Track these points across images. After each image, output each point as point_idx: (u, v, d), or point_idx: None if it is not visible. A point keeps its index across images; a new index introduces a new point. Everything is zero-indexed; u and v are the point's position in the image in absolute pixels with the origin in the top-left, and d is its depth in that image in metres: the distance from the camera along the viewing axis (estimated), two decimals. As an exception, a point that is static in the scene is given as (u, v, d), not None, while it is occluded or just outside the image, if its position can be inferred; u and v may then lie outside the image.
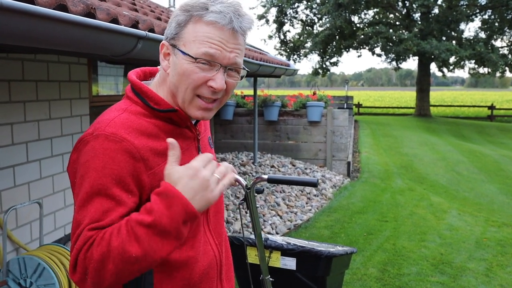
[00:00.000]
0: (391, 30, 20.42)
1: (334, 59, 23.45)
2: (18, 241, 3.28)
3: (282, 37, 23.65)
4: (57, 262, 2.95)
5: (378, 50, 21.98)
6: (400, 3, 21.76)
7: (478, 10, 21.20)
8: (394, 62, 22.88)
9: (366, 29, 21.36)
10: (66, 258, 3.02)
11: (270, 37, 23.73)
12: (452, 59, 20.36)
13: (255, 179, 1.75)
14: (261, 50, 8.61)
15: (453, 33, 20.75)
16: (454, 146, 12.86)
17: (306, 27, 23.23)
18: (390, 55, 22.05)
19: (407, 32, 20.42)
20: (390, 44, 20.21)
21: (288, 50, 23.55)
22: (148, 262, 0.98)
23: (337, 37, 21.87)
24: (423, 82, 22.66)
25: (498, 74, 21.02)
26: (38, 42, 1.68)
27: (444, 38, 20.45)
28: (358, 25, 22.69)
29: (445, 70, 22.40)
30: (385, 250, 4.77)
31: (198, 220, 1.18)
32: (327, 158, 8.41)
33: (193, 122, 1.23)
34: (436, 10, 20.87)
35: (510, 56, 21.00)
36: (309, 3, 22.05)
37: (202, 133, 1.31)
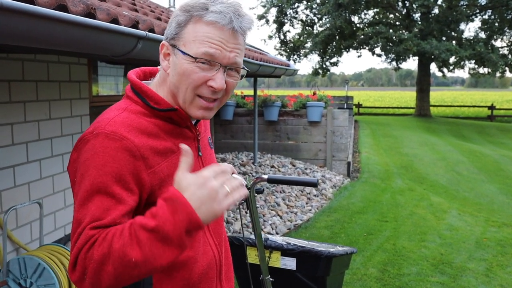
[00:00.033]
0: (391, 30, 20.42)
1: (334, 59, 23.46)
2: (18, 241, 3.28)
3: (282, 37, 23.66)
4: (57, 262, 2.95)
5: (378, 50, 21.99)
6: (400, 3, 21.75)
7: (478, 10, 21.20)
8: (394, 62, 22.89)
9: (366, 29, 21.35)
10: (66, 258, 3.02)
11: (270, 37, 23.73)
12: (452, 59, 20.36)
13: (255, 179, 1.75)
14: (261, 50, 8.61)
15: (453, 33, 20.75)
16: (454, 146, 12.86)
17: (306, 27, 23.23)
18: (390, 55, 22.05)
19: (407, 32, 20.42)
20: (390, 44, 20.21)
21: (288, 50, 23.54)
22: (147, 268, 0.96)
23: (337, 37, 21.87)
24: (423, 82, 22.66)
25: (498, 74, 21.03)
26: (38, 42, 1.68)
27: (444, 38, 20.45)
28: (358, 25, 22.69)
29: (445, 70, 22.41)
30: (385, 250, 4.77)
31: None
32: (327, 158, 8.41)
33: (193, 122, 1.24)
34: (436, 10, 20.87)
35: (510, 56, 21.00)
36: (309, 3, 22.04)
37: (202, 133, 1.31)
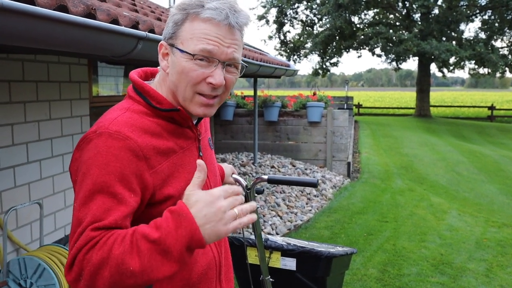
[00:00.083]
0: (391, 31, 20.42)
1: (334, 60, 23.47)
2: (18, 241, 3.28)
3: (282, 37, 23.67)
4: (57, 263, 2.95)
5: (378, 51, 22.00)
6: (400, 4, 21.76)
7: (478, 11, 21.20)
8: (394, 63, 22.90)
9: (366, 29, 21.35)
10: (66, 258, 3.02)
11: (270, 37, 23.74)
12: (452, 60, 20.36)
13: (255, 180, 1.75)
14: (261, 50, 8.62)
15: (453, 33, 20.76)
16: (454, 147, 12.86)
17: (306, 28, 23.24)
18: (390, 56, 22.05)
19: (407, 32, 20.43)
20: (390, 44, 20.21)
21: (288, 50, 23.55)
22: (143, 279, 0.95)
23: (337, 37, 21.87)
24: (423, 83, 22.66)
25: (498, 74, 21.05)
26: (38, 42, 1.68)
27: (444, 38, 20.46)
28: (358, 25, 22.70)
29: (445, 70, 22.42)
30: (385, 251, 4.76)
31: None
32: (327, 158, 8.41)
33: (194, 123, 1.24)
34: (436, 11, 20.88)
35: (510, 56, 21.01)
36: (309, 4, 22.05)
37: (203, 133, 1.31)
